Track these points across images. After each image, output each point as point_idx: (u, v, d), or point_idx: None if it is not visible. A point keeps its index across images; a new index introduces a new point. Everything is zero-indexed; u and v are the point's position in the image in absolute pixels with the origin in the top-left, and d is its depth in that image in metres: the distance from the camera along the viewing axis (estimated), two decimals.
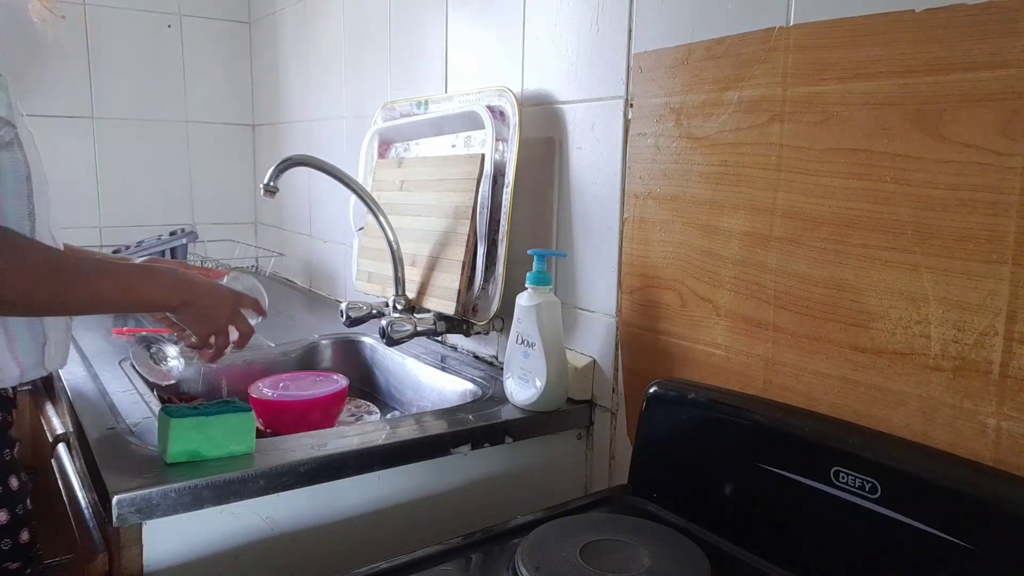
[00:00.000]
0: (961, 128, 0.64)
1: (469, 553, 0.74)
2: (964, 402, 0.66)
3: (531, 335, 0.99)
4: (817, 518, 0.69)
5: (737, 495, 0.77)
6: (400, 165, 1.39)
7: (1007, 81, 0.61)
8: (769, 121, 0.79)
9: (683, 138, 0.89)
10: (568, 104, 1.07)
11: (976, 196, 0.63)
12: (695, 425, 0.82)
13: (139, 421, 0.93)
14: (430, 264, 1.23)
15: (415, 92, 1.44)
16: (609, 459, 1.05)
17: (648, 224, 0.95)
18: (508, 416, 0.99)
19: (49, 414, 1.24)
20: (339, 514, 0.87)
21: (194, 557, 0.79)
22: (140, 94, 2.13)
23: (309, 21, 1.90)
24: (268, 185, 1.13)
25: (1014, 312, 0.62)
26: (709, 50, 0.85)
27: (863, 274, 0.72)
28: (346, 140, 1.76)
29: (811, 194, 0.76)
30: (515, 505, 0.98)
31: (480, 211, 1.14)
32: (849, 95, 0.72)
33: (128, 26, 2.09)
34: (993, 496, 0.59)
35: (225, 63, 2.25)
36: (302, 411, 1.14)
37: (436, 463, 0.93)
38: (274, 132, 2.18)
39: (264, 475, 0.80)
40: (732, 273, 0.85)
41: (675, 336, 0.93)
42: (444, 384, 1.21)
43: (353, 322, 1.29)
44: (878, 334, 0.71)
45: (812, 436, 0.71)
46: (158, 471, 0.78)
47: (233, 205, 2.32)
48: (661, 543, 0.71)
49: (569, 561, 0.67)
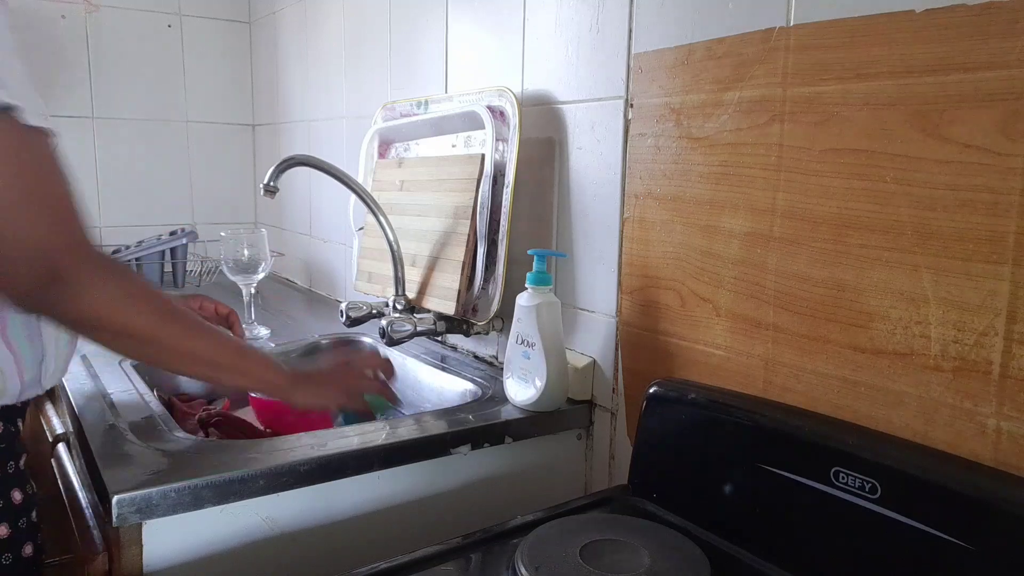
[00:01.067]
0: (961, 128, 0.64)
1: (469, 553, 0.74)
2: (964, 402, 0.66)
3: (531, 335, 0.99)
4: (817, 518, 0.69)
5: (737, 495, 0.77)
6: (400, 165, 1.39)
7: (1007, 81, 0.61)
8: (769, 121, 0.79)
9: (683, 138, 0.89)
10: (568, 104, 1.07)
11: (976, 196, 0.63)
12: (695, 425, 0.82)
13: (139, 421, 0.93)
14: (430, 264, 1.23)
15: (415, 92, 1.44)
16: (609, 459, 1.05)
17: (648, 224, 0.95)
18: (508, 416, 0.99)
19: (49, 414, 1.24)
20: (339, 514, 0.87)
21: (194, 557, 0.79)
22: (140, 94, 2.12)
23: (309, 21, 1.90)
24: (268, 185, 1.13)
25: (1014, 312, 0.62)
26: (709, 50, 0.85)
27: (863, 274, 0.72)
28: (346, 140, 1.76)
29: (811, 194, 0.76)
30: (515, 505, 0.98)
31: (480, 211, 1.14)
32: (849, 95, 0.72)
33: (128, 26, 2.09)
34: (993, 496, 0.59)
35: (225, 63, 2.25)
36: (302, 411, 1.14)
37: (436, 463, 0.93)
38: (274, 132, 2.18)
39: (264, 475, 0.80)
40: (732, 273, 0.85)
41: (675, 336, 0.93)
42: (444, 384, 1.21)
43: (353, 322, 1.29)
44: (878, 334, 0.71)
45: (812, 436, 0.71)
46: (158, 471, 0.78)
47: (233, 205, 2.32)
48: (661, 543, 0.71)
49: (569, 561, 0.67)
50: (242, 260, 1.37)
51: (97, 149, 2.08)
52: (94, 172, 2.08)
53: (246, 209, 2.35)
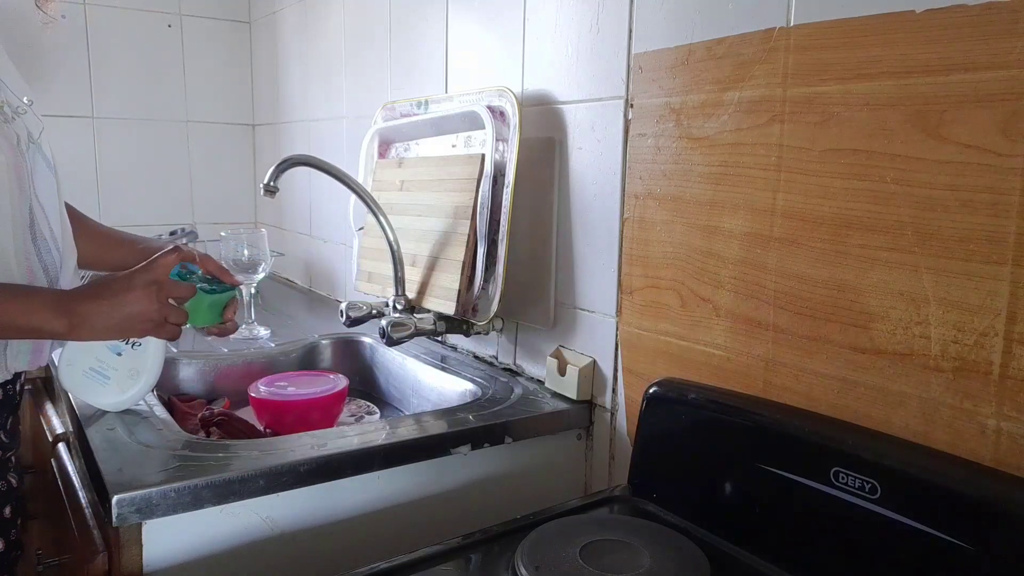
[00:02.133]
0: (961, 129, 0.64)
1: (469, 553, 0.74)
2: (964, 403, 0.66)
3: None
4: (817, 518, 0.69)
5: (737, 495, 0.77)
6: (400, 165, 1.39)
7: (1007, 82, 0.61)
8: (769, 121, 0.79)
9: (683, 138, 0.89)
10: (568, 104, 1.07)
11: (976, 197, 0.63)
12: (695, 425, 0.82)
13: (139, 421, 0.93)
14: (430, 264, 1.23)
15: (415, 92, 1.44)
16: (609, 459, 1.05)
17: (648, 224, 0.95)
18: (508, 416, 0.99)
19: (49, 414, 1.24)
20: (339, 514, 0.87)
21: (194, 557, 0.79)
22: (140, 94, 2.12)
23: (309, 21, 1.90)
24: (268, 185, 1.13)
25: (1014, 313, 0.62)
26: (709, 50, 0.85)
27: (863, 275, 0.72)
28: (346, 140, 1.76)
29: (811, 194, 0.76)
30: (515, 505, 0.98)
31: (480, 211, 1.14)
32: (849, 95, 0.72)
33: (128, 26, 2.09)
34: (993, 496, 0.59)
35: (225, 63, 2.25)
36: (302, 411, 1.14)
37: (436, 463, 0.93)
38: (274, 132, 2.18)
39: (264, 475, 0.80)
40: (732, 273, 0.85)
41: (675, 336, 0.93)
42: (444, 384, 1.21)
43: (353, 322, 1.29)
44: (878, 335, 0.71)
45: (812, 436, 0.71)
46: (158, 471, 0.78)
47: (233, 205, 2.32)
48: (661, 543, 0.71)
49: (569, 561, 0.67)
50: (242, 260, 1.37)
51: (97, 149, 2.08)
52: (94, 172, 2.08)
53: (246, 209, 2.35)
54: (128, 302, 0.81)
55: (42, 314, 0.77)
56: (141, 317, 0.82)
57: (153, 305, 0.82)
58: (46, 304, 0.78)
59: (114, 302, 0.81)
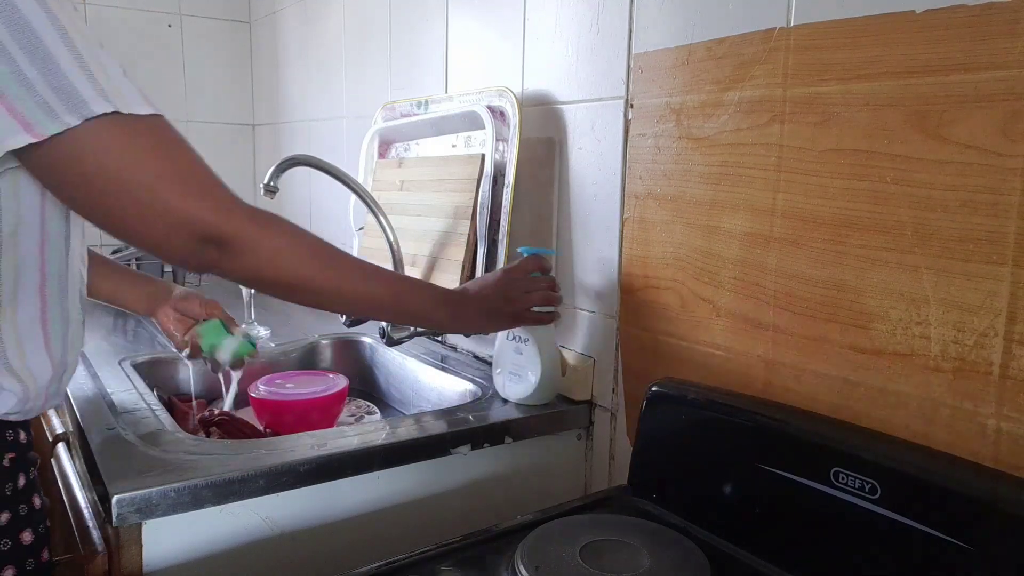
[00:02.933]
0: (961, 129, 0.64)
1: (469, 553, 0.74)
2: (964, 403, 0.66)
3: (522, 331, 1.02)
4: (817, 519, 0.69)
5: (737, 495, 0.77)
6: (400, 165, 1.39)
7: (1007, 82, 0.61)
8: (769, 122, 0.79)
9: (683, 138, 0.89)
10: (568, 104, 1.07)
11: (976, 197, 0.63)
12: (695, 425, 0.82)
13: (139, 421, 0.93)
14: (430, 264, 1.23)
15: (415, 92, 1.44)
16: (609, 459, 1.05)
17: (648, 224, 0.95)
18: (508, 416, 0.99)
19: (49, 414, 1.24)
20: (339, 514, 0.87)
21: (194, 557, 0.79)
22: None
23: (309, 21, 1.90)
24: (268, 185, 1.13)
25: (1014, 313, 0.62)
26: (709, 50, 0.85)
27: (863, 275, 0.72)
28: (346, 140, 1.76)
29: (811, 195, 0.76)
30: (515, 505, 0.98)
31: (480, 211, 1.14)
32: (849, 96, 0.72)
33: (128, 25, 2.09)
34: (993, 496, 0.59)
35: (225, 63, 2.25)
36: (302, 411, 1.14)
37: (436, 463, 0.93)
38: (274, 132, 2.18)
39: (264, 475, 0.80)
40: (732, 273, 0.85)
41: (675, 336, 0.93)
42: (444, 384, 1.21)
43: (353, 322, 1.29)
44: (878, 335, 0.71)
45: (812, 436, 0.71)
46: (158, 471, 0.78)
47: None
48: (661, 543, 0.71)
49: (569, 561, 0.67)
50: None
51: None
52: None
53: None
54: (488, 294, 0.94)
55: (428, 305, 0.88)
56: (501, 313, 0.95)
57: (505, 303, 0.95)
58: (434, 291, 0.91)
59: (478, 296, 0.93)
